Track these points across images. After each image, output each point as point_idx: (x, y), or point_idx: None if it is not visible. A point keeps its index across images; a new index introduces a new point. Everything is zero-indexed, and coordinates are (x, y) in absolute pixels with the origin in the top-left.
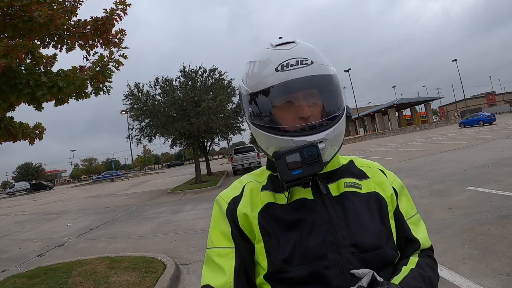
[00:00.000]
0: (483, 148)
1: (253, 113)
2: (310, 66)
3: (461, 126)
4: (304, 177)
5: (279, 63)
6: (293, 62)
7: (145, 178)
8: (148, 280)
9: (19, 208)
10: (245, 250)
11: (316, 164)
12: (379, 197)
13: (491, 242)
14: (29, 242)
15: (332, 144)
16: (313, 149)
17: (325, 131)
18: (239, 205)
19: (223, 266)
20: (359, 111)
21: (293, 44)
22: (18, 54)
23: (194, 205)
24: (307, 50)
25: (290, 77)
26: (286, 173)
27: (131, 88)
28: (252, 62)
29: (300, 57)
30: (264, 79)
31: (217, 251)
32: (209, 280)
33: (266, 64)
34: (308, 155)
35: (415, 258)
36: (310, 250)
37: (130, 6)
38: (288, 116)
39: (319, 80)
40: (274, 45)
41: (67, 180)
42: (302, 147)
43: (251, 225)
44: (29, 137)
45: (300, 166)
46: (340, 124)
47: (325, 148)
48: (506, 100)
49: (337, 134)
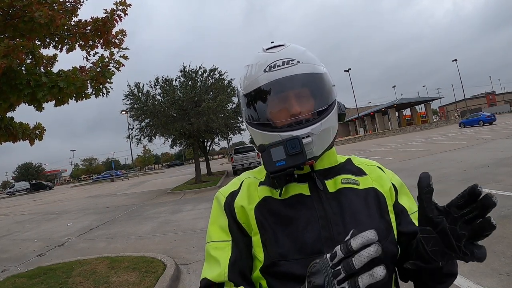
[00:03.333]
0: (483, 148)
1: (246, 112)
2: (296, 66)
3: (461, 126)
4: (287, 168)
5: (267, 64)
6: (279, 63)
7: (145, 178)
8: (148, 280)
9: (19, 208)
10: (242, 242)
11: (299, 155)
12: (377, 192)
13: (491, 242)
14: (29, 242)
15: (321, 138)
16: (295, 141)
17: (311, 126)
18: (237, 198)
19: (219, 258)
20: (359, 111)
21: (282, 47)
22: (19, 54)
23: (194, 205)
24: (295, 52)
25: (277, 76)
26: (270, 164)
27: (131, 88)
28: (247, 66)
29: (287, 58)
30: (254, 80)
31: (214, 245)
32: (206, 273)
33: (257, 67)
34: (291, 147)
35: None
36: (306, 245)
37: (131, 7)
38: (277, 113)
39: (306, 77)
40: (265, 49)
41: (67, 180)
42: (285, 140)
43: (248, 217)
44: (29, 138)
45: (283, 157)
46: (329, 119)
47: (312, 142)
48: (506, 100)
49: (325, 128)
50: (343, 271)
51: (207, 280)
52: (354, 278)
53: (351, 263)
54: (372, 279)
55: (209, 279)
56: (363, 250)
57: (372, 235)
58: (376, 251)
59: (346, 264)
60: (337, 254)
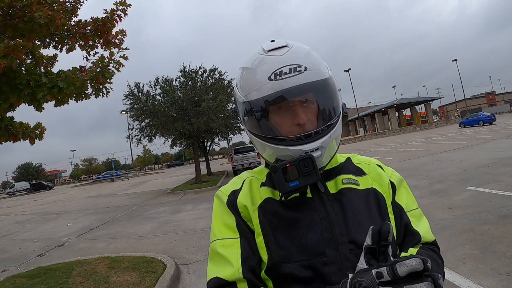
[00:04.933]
0: (483, 148)
1: (249, 121)
2: (303, 74)
3: (461, 126)
4: (301, 188)
5: (272, 71)
6: (286, 70)
7: (145, 178)
8: (148, 280)
9: (19, 208)
10: (251, 239)
11: (312, 175)
12: (377, 193)
13: (491, 242)
14: (29, 242)
15: (329, 149)
16: (308, 161)
17: (321, 139)
18: (239, 196)
19: (229, 256)
20: (359, 111)
21: (285, 49)
22: (19, 54)
23: (194, 205)
24: (300, 55)
25: (284, 86)
26: (284, 185)
27: (131, 88)
28: (245, 68)
29: (293, 64)
30: (258, 88)
31: (221, 242)
32: (216, 272)
33: (260, 72)
34: (304, 167)
35: (415, 249)
36: (309, 246)
37: (131, 7)
38: (284, 124)
39: (314, 86)
40: (266, 50)
41: (67, 180)
42: (298, 159)
43: (251, 218)
44: (29, 137)
45: (296, 177)
46: (337, 129)
47: (321, 156)
48: (506, 100)
49: (333, 139)
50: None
51: (220, 279)
52: None
53: None
54: None
55: (222, 278)
56: (416, 284)
57: (417, 264)
58: (427, 286)
59: None
60: (383, 276)
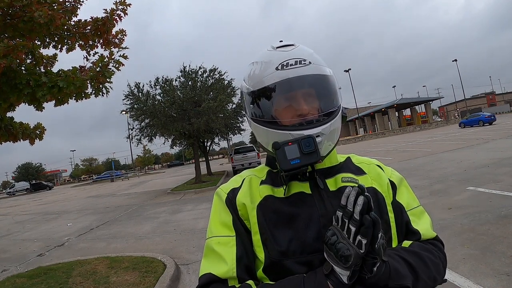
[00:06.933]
0: (483, 148)
1: (254, 110)
2: (308, 66)
3: (461, 126)
4: (301, 166)
5: (279, 62)
6: (292, 62)
7: (145, 178)
8: (148, 280)
9: (19, 208)
10: (246, 238)
11: (313, 154)
12: (376, 192)
13: (491, 242)
14: (29, 242)
15: (328, 139)
16: (310, 140)
17: (322, 126)
18: (238, 194)
19: (224, 254)
20: (359, 111)
21: (292, 47)
22: (18, 54)
23: (194, 205)
24: (305, 53)
25: (290, 75)
26: (285, 162)
27: (131, 88)
28: (254, 63)
29: (299, 58)
30: (265, 77)
31: (217, 240)
32: (209, 268)
33: (267, 64)
34: (306, 146)
35: (409, 242)
36: (307, 243)
37: (131, 6)
38: (287, 112)
39: (317, 79)
40: (275, 47)
41: (67, 180)
42: (300, 139)
43: (248, 216)
44: (29, 137)
45: (298, 156)
46: (336, 120)
47: (321, 142)
48: (506, 100)
49: (332, 129)
50: (353, 226)
51: (212, 275)
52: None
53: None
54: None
55: (215, 274)
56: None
57: (351, 191)
58: (363, 199)
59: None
60: (339, 219)
